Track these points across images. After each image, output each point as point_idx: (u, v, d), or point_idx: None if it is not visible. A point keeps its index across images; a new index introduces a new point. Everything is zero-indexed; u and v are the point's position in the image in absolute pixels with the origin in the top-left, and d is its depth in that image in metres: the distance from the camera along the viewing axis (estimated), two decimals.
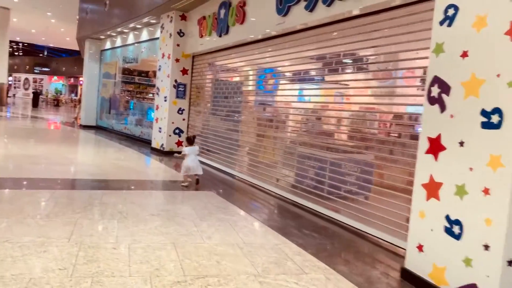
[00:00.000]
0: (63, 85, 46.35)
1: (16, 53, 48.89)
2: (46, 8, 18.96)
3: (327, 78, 5.81)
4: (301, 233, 4.40)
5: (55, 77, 46.64)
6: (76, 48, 22.01)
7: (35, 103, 27.50)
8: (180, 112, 10.13)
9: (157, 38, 11.31)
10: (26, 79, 47.17)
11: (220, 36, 8.15)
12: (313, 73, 6.12)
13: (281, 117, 6.93)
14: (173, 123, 10.06)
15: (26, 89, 46.61)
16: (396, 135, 4.70)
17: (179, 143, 10.19)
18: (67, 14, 18.78)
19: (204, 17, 8.91)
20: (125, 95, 17.28)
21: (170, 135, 10.06)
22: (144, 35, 12.49)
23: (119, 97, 16.37)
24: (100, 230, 3.86)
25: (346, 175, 5.20)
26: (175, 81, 9.99)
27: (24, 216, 4.07)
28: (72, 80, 45.23)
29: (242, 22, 7.31)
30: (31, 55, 47.74)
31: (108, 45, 15.53)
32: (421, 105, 3.43)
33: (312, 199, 5.68)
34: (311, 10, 5.37)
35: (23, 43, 44.45)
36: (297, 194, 6.02)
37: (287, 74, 6.81)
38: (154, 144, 10.62)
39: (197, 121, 9.98)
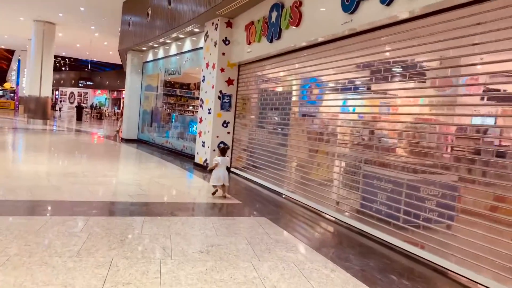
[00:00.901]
0: (106, 98, 47.41)
1: (63, 68, 50.61)
2: (89, 22, 19.02)
3: (393, 86, 4.88)
4: (387, 280, 3.47)
5: (99, 91, 47.79)
6: (119, 61, 22.04)
7: (79, 116, 27.87)
8: (225, 125, 9.42)
9: (201, 48, 10.74)
10: (72, 93, 48.62)
11: (270, 41, 7.39)
12: (380, 80, 5.21)
13: (339, 130, 6.04)
14: (217, 137, 9.37)
15: (72, 102, 47.99)
16: (473, 151, 3.77)
17: None
18: (110, 27, 18.76)
19: (252, 22, 8.20)
20: (166, 107, 16.92)
21: (214, 150, 9.35)
22: (187, 45, 11.97)
23: (161, 110, 15.99)
24: (139, 276, 3.10)
25: (426, 200, 4.24)
26: (220, 92, 9.31)
27: (50, 253, 3.38)
28: (115, 93, 46.14)
29: (297, 25, 6.51)
30: (77, 70, 49.21)
31: (150, 57, 15.20)
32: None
33: (384, 228, 4.73)
34: (388, 4, 4.49)
35: (69, 58, 45.87)
36: (363, 221, 5.10)
37: (346, 82, 5.92)
38: (197, 159, 9.96)
39: (243, 134, 9.23)
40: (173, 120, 14.87)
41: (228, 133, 9.47)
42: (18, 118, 24.37)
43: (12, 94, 41.43)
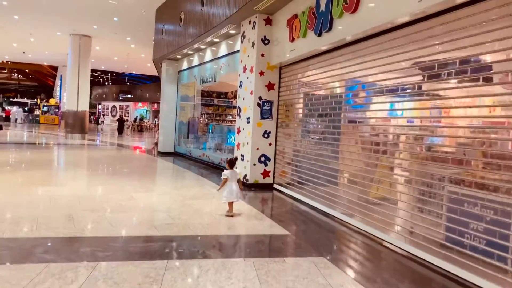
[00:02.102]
0: (147, 111, 47.68)
1: (106, 83, 51.62)
2: (125, 33, 18.58)
3: (487, 87, 3.54)
4: None
5: (140, 104, 48.16)
6: (157, 74, 21.54)
7: (120, 130, 27.66)
8: (266, 135, 8.28)
9: (237, 51, 9.71)
10: (114, 106, 49.29)
11: (319, 34, 6.20)
12: (459, 80, 3.88)
13: (410, 140, 4.72)
14: (257, 149, 8.24)
15: (114, 116, 48.64)
16: None
17: (265, 174, 8.31)
18: (145, 38, 18.21)
19: (295, 16, 7.05)
20: (203, 118, 16.04)
21: (254, 164, 8.23)
22: (223, 50, 10.98)
23: (197, 121, 15.11)
24: None
25: None
26: (260, 98, 8.20)
27: None
28: (155, 105, 46.29)
29: (354, 10, 5.28)
30: (118, 84, 49.97)
31: (185, 65, 14.37)
32: None
33: (483, 272, 3.41)
34: None
35: (111, 72, 46.66)
36: (451, 260, 3.78)
37: (414, 82, 4.60)
38: None
39: (287, 145, 8.05)
40: (210, 131, 13.91)
41: (270, 144, 8.32)
42: (56, 133, 24.40)
43: (56, 110, 42.41)
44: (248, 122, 8.34)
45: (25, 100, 55.62)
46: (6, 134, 20.45)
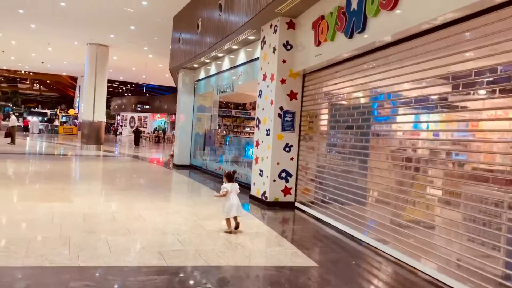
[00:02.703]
0: (165, 122, 47.57)
1: (125, 94, 51.88)
2: (142, 42, 18.25)
3: None
4: None
5: (158, 115, 48.10)
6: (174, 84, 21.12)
7: (137, 141, 27.32)
8: (287, 149, 7.59)
9: (256, 59, 9.11)
10: (132, 117, 49.33)
11: (350, 36, 5.52)
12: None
13: (449, 157, 3.97)
14: (278, 163, 7.54)
15: (132, 127, 48.66)
16: None
17: (286, 191, 7.60)
18: (162, 47, 17.81)
19: (322, 17, 6.39)
20: (220, 130, 15.47)
21: (274, 180, 7.52)
22: (241, 57, 10.39)
23: (214, 133, 14.52)
24: None
25: None
26: (281, 108, 7.53)
27: None
28: (173, 117, 46.13)
29: (392, 7, 4.60)
30: (137, 95, 50.11)
31: (202, 74, 13.84)
32: None
33: None
34: None
35: (130, 83, 46.82)
36: None
37: (457, 89, 3.86)
38: (253, 191, 8.17)
39: (310, 160, 7.34)
40: (227, 143, 13.29)
41: (292, 159, 7.61)
42: (72, 143, 24.18)
43: (75, 120, 42.58)
44: (268, 135, 7.67)
45: (45, 110, 56.35)
46: (20, 144, 20.25)
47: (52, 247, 4.18)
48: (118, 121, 52.10)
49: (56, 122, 44.99)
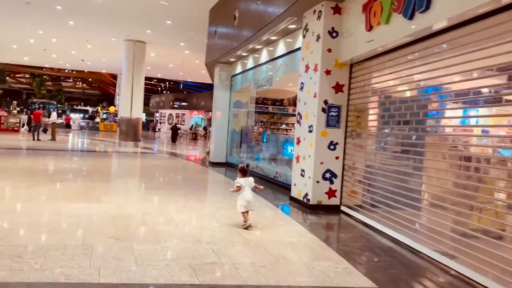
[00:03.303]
0: (202, 119, 47.63)
1: (164, 92, 52.41)
2: (178, 38, 17.96)
3: None
4: None
5: (195, 112, 48.21)
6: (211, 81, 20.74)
7: (174, 138, 27.25)
8: (332, 147, 6.89)
9: (297, 50, 8.46)
10: (170, 114, 49.72)
11: (410, 17, 4.77)
12: None
13: None
14: (322, 163, 6.86)
15: (170, 124, 49.07)
16: None
17: (331, 194, 6.91)
18: (199, 43, 17.43)
19: None
20: (257, 126, 14.89)
21: (318, 182, 6.85)
22: (280, 49, 9.75)
23: (250, 129, 13.95)
24: None
25: None
26: (325, 102, 6.83)
27: None
28: (210, 114, 46.10)
29: None
30: (175, 92, 50.50)
31: (238, 69, 13.29)
32: None
33: None
34: None
35: (168, 81, 47.22)
36: None
37: None
38: (294, 193, 7.53)
39: (358, 160, 6.62)
40: (264, 140, 12.67)
41: (337, 158, 6.91)
42: (111, 140, 24.36)
43: (115, 117, 43.33)
44: (310, 131, 7.00)
45: (87, 107, 57.91)
46: (60, 141, 20.50)
47: (71, 257, 3.71)
48: (157, 118, 52.71)
49: (97, 119, 46.05)
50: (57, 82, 67.47)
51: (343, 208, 6.86)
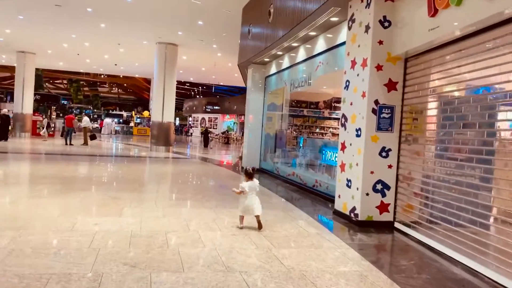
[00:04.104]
0: (234, 123, 47.17)
1: (197, 96, 52.33)
2: (210, 39, 17.36)
3: None
4: None
5: (227, 116, 47.81)
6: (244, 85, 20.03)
7: (206, 142, 26.74)
8: (384, 154, 5.95)
9: (339, 45, 7.62)
10: (203, 118, 49.53)
11: None
12: None
13: None
14: (372, 172, 5.93)
15: (202, 127, 48.86)
16: None
17: (383, 208, 5.97)
18: (231, 45, 16.76)
19: None
20: (292, 130, 14.03)
21: (367, 194, 5.93)
22: (320, 45, 8.88)
23: (285, 133, 13.10)
24: None
25: None
26: (376, 102, 5.92)
27: None
28: (242, 118, 45.57)
29: None
30: (208, 96, 50.34)
31: (273, 69, 12.50)
32: None
33: None
34: None
35: (201, 85, 47.04)
36: None
37: None
38: (339, 206, 6.62)
39: (415, 168, 5.68)
40: (301, 145, 11.79)
41: (390, 166, 5.96)
42: (144, 144, 24.08)
43: (149, 122, 43.48)
44: (358, 135, 6.10)
45: (122, 112, 58.66)
46: (92, 145, 20.34)
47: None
48: (190, 122, 52.70)
49: (131, 124, 46.43)
50: (93, 88, 68.89)
51: (397, 225, 5.91)
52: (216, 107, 46.95)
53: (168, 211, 6.12)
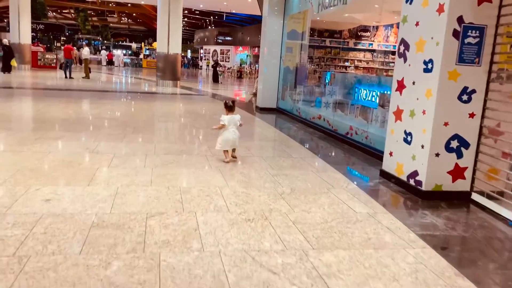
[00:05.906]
0: (247, 55, 44.56)
1: (209, 27, 49.11)
2: None
3: None
4: None
5: (240, 48, 45.06)
6: (259, 13, 17.49)
7: (215, 78, 24.76)
8: (465, 97, 4.12)
9: None
10: (214, 50, 46.85)
11: None
12: None
13: None
14: (446, 124, 4.14)
15: (214, 60, 46.37)
16: None
17: (457, 174, 4.25)
18: None
19: None
20: (317, 62, 12.06)
21: (437, 154, 4.18)
22: None
23: (309, 67, 11.14)
24: None
25: None
26: (459, 20, 3.98)
27: None
28: (256, 50, 42.82)
29: None
30: (220, 26, 47.19)
31: None
32: None
33: None
34: None
35: (213, 14, 43.79)
36: None
37: None
38: (389, 166, 4.91)
39: (508, 119, 3.89)
40: (326, 82, 9.87)
41: (472, 115, 4.15)
42: (150, 78, 22.27)
43: None
44: (428, 70, 4.22)
45: (132, 43, 56.09)
46: (93, 79, 18.64)
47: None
48: (202, 55, 50.11)
49: (141, 56, 44.27)
50: (102, 18, 65.64)
51: (474, 196, 4.23)
52: (228, 38, 44.01)
53: (158, 173, 4.49)
